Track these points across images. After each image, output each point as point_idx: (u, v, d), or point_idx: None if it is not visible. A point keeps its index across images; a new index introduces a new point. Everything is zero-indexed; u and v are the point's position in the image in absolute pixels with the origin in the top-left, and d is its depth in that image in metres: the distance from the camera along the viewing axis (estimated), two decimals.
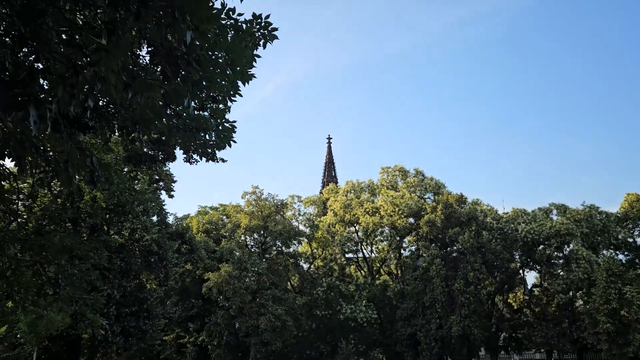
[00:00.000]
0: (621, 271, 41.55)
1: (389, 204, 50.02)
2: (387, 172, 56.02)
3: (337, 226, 54.44)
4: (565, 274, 47.40)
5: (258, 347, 40.36)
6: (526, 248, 50.14)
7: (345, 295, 48.30)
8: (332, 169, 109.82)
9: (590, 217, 49.08)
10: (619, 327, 39.15)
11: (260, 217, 45.49)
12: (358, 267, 59.12)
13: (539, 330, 48.39)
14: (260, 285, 42.83)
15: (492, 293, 54.44)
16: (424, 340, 43.11)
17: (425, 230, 46.30)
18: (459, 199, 48.38)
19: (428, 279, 44.82)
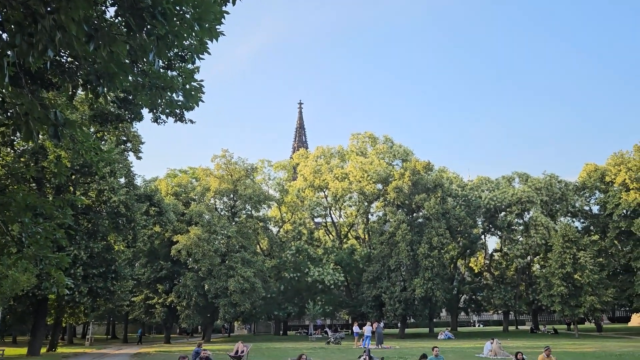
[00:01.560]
0: (576, 237, 43.46)
1: (358, 170, 50.63)
2: (357, 139, 56.45)
3: (307, 191, 54.96)
4: (524, 239, 49.36)
5: (227, 308, 41.03)
6: (488, 214, 51.86)
7: (313, 259, 49.25)
8: (303, 134, 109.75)
9: (550, 186, 50.84)
10: (571, 290, 41.23)
11: (230, 180, 45.48)
12: (326, 231, 60.11)
13: (498, 293, 50.62)
14: (229, 248, 43.21)
15: (454, 257, 56.41)
16: (389, 302, 44.53)
17: (392, 196, 47.21)
18: (426, 166, 49.29)
19: (394, 243, 45.98)
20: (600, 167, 50.00)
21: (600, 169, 49.76)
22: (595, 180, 49.44)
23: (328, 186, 53.38)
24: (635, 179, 45.12)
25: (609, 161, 49.23)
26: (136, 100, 8.73)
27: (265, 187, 52.74)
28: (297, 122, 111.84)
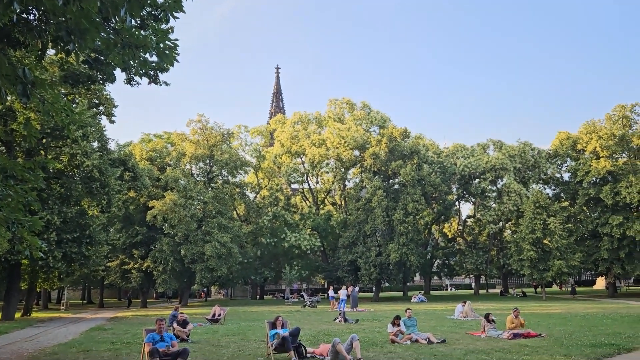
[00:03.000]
0: (547, 204, 44.54)
1: (335, 136, 50.54)
2: (334, 104, 56.13)
3: (284, 157, 54.78)
4: (497, 205, 50.42)
5: (203, 273, 41.23)
6: (463, 181, 52.65)
7: (290, 224, 49.55)
8: (280, 100, 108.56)
9: (523, 153, 51.69)
10: (540, 255, 42.52)
11: (206, 146, 44.99)
12: (303, 197, 60.32)
13: (470, 258, 51.91)
14: (205, 213, 43.11)
15: (429, 223, 57.40)
16: (364, 266, 45.31)
17: (369, 162, 47.42)
18: (403, 132, 49.48)
19: (370, 209, 46.47)
20: (573, 136, 50.89)
21: (572, 137, 50.65)
22: (567, 148, 50.37)
23: (305, 152, 53.26)
24: (605, 147, 46.14)
25: (581, 129, 50.12)
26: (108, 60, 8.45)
27: (241, 153, 52.38)
28: (274, 87, 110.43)
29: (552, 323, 19.38)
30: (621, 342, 13.19)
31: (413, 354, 11.67)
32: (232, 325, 20.53)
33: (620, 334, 14.94)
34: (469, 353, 11.74)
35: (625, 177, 44.41)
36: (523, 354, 11.39)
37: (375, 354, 11.93)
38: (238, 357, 11.79)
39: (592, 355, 11.21)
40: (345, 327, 19.03)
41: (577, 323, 19.22)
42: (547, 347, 12.50)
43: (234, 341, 14.94)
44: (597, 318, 21.32)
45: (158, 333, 10.21)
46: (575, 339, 14.10)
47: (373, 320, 22.21)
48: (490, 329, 15.71)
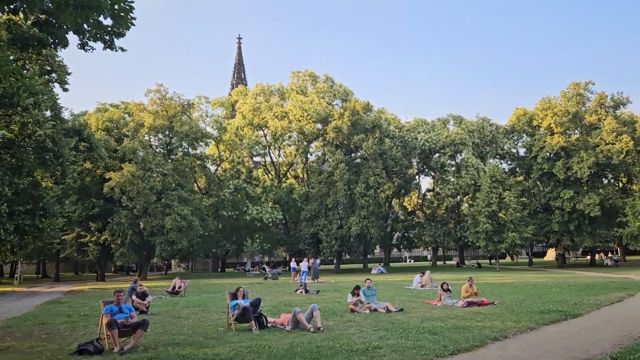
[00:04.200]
0: (503, 178, 45.91)
1: (298, 108, 50.21)
2: (297, 77, 55.58)
3: (246, 129, 54.14)
4: (456, 180, 51.59)
5: (163, 246, 40.68)
6: (423, 155, 53.49)
7: (252, 197, 49.33)
8: (242, 71, 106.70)
9: (482, 129, 52.81)
10: (495, 227, 44.00)
11: (165, 116, 43.84)
12: (265, 170, 60.04)
13: (428, 230, 53.17)
14: (165, 185, 42.32)
15: (389, 196, 58.30)
16: (325, 239, 45.75)
17: (331, 136, 47.46)
18: (365, 106, 49.60)
19: (332, 182, 46.72)
20: (529, 112, 52.24)
21: (529, 114, 52.01)
22: (523, 124, 51.72)
23: (267, 125, 52.78)
24: (559, 124, 47.64)
25: (537, 106, 51.50)
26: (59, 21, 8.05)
27: (202, 125, 51.38)
28: (236, 57, 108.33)
29: (504, 292, 20.19)
30: (568, 308, 13.88)
31: (372, 322, 11.95)
32: (193, 298, 20.47)
33: (567, 302, 15.72)
34: (425, 320, 12.12)
35: (577, 153, 46.11)
36: (476, 321, 11.84)
37: (335, 322, 12.16)
38: (199, 328, 11.80)
39: (540, 321, 11.77)
40: (306, 298, 19.28)
41: (527, 292, 20.09)
42: (499, 314, 13.03)
43: (194, 313, 14.92)
44: (547, 287, 22.34)
45: (116, 305, 10.06)
46: (525, 306, 14.75)
47: (334, 291, 22.58)
48: (446, 297, 16.24)
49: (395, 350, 8.40)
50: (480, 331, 10.27)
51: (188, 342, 9.73)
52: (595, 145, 46.14)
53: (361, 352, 8.33)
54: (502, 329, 10.62)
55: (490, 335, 9.84)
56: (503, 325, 11.14)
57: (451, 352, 8.34)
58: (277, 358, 7.95)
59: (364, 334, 10.34)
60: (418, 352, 8.25)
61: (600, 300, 15.97)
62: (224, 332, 11.04)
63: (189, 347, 9.14)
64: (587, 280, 27.00)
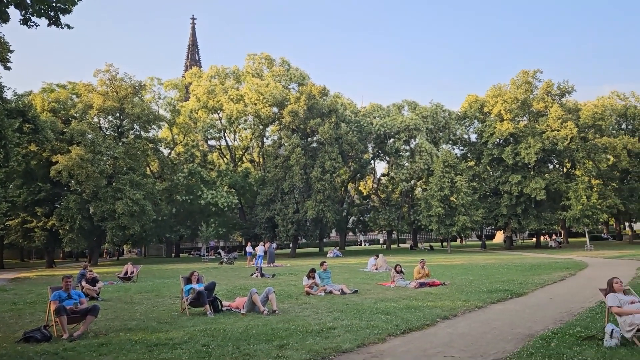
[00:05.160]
0: (455, 163, 47.09)
1: (253, 92, 49.60)
2: (253, 59, 54.77)
3: (200, 112, 53.11)
4: (410, 164, 52.53)
5: (115, 231, 39.66)
6: (379, 140, 54.10)
7: (206, 181, 48.62)
8: (196, 53, 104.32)
9: (435, 114, 53.86)
10: (447, 211, 45.22)
11: (115, 98, 42.39)
12: (221, 154, 59.21)
13: (383, 214, 54.06)
14: (116, 169, 41.12)
15: (345, 181, 58.80)
16: (282, 223, 45.75)
17: (288, 120, 47.22)
18: (321, 91, 49.53)
19: (288, 166, 46.62)
20: (481, 99, 53.63)
21: (480, 100, 53.39)
22: (475, 110, 53.08)
23: (222, 108, 51.93)
24: (509, 111, 49.18)
25: (488, 93, 52.91)
26: None
27: (155, 107, 50.03)
28: (190, 39, 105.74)
29: (454, 273, 20.85)
30: (514, 288, 14.49)
31: (327, 304, 12.11)
32: (146, 283, 20.11)
33: (514, 281, 16.40)
34: (378, 301, 12.38)
35: (525, 139, 47.80)
36: (428, 301, 12.20)
37: (291, 305, 12.24)
38: (152, 313, 11.62)
39: (488, 299, 12.25)
40: (262, 282, 19.30)
41: (476, 272, 20.82)
42: (449, 294, 13.47)
43: (147, 298, 14.68)
44: (495, 268, 23.22)
45: (65, 291, 9.76)
46: (474, 286, 15.30)
47: (289, 275, 22.69)
48: (399, 279, 16.61)
49: (349, 331, 8.56)
50: (431, 311, 10.59)
51: (140, 327, 9.58)
52: (542, 131, 47.92)
53: (316, 333, 8.44)
54: (452, 308, 10.99)
55: (441, 314, 10.16)
56: (453, 304, 11.52)
57: (403, 331, 8.57)
58: (231, 341, 7.95)
59: (319, 315, 10.47)
60: (371, 331, 8.44)
61: (544, 280, 16.74)
62: (177, 316, 10.93)
63: (141, 332, 9.01)
64: (532, 261, 28.22)
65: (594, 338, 7.30)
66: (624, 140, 49.30)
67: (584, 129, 49.31)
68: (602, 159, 49.34)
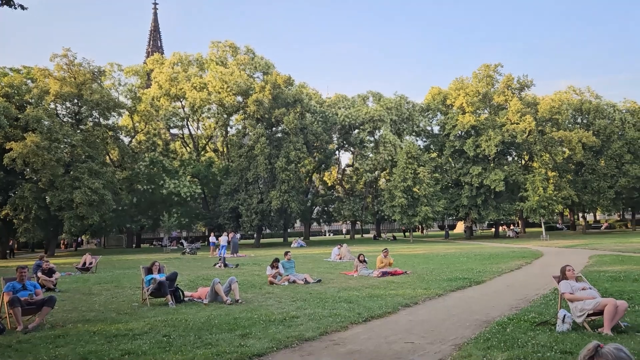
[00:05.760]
0: (418, 154, 47.80)
1: (217, 80, 48.91)
2: (217, 47, 53.95)
3: (162, 100, 52.02)
4: (374, 155, 53.00)
5: (73, 221, 38.54)
6: (343, 131, 54.31)
7: (169, 171, 47.75)
8: (158, 39, 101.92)
9: (399, 106, 54.42)
10: (410, 201, 45.91)
11: (73, 83, 40.98)
12: (183, 143, 58.26)
13: (347, 205, 54.43)
14: (74, 157, 39.89)
15: (310, 171, 58.83)
16: (246, 213, 45.50)
17: (252, 109, 46.83)
18: (286, 80, 49.30)
19: (253, 156, 46.31)
20: (443, 91, 54.49)
21: (443, 93, 54.25)
22: (438, 102, 53.92)
23: (185, 96, 50.99)
24: (470, 103, 50.18)
25: (451, 86, 53.82)
26: None
27: (115, 94, 48.65)
28: (152, 24, 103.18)
29: (416, 262, 21.24)
30: (473, 276, 14.88)
31: (290, 293, 12.14)
32: (105, 274, 19.68)
33: (473, 270, 16.84)
34: (341, 290, 12.50)
35: (486, 132, 48.91)
36: (390, 289, 12.39)
37: (254, 295, 12.22)
38: (111, 304, 11.39)
39: (448, 287, 12.54)
40: (225, 272, 19.17)
41: (437, 262, 21.26)
42: (411, 283, 13.72)
43: (106, 289, 14.37)
44: (455, 257, 23.77)
45: (19, 282, 9.44)
46: (435, 274, 15.64)
47: (253, 265, 22.62)
48: (362, 268, 16.80)
49: (312, 319, 8.61)
50: (393, 299, 10.77)
51: (99, 318, 9.38)
52: (502, 124, 49.12)
53: (279, 321, 8.46)
54: (413, 296, 11.20)
55: (402, 302, 10.34)
56: (414, 292, 11.74)
57: (365, 319, 8.69)
58: (193, 330, 7.88)
59: (282, 304, 10.49)
60: (334, 320, 8.52)
61: (501, 268, 17.25)
62: (138, 307, 10.75)
63: (100, 323, 8.82)
64: (491, 250, 29.02)
65: (547, 323, 7.58)
66: (579, 134, 51.04)
67: (542, 123, 50.84)
68: (558, 151, 51.04)
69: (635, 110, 59.49)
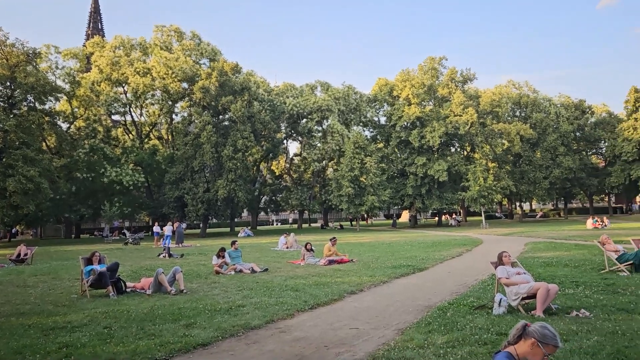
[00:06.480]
0: (365, 144, 48.41)
1: (162, 65, 47.50)
2: (161, 32, 52.33)
3: (103, 85, 49.99)
4: (322, 145, 53.25)
5: (6, 211, 36.59)
6: (291, 120, 54.21)
7: (110, 158, 46.08)
8: (99, 21, 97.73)
9: (347, 96, 54.86)
10: (357, 191, 46.50)
11: (5, 65, 38.63)
12: (126, 130, 56.33)
13: (295, 194, 54.51)
14: (7, 144, 37.74)
15: (257, 160, 58.42)
16: (191, 203, 44.65)
17: (198, 96, 45.84)
18: (234, 67, 48.54)
19: (199, 144, 45.41)
20: (390, 82, 55.35)
21: (390, 84, 55.10)
22: (385, 94, 54.74)
23: (128, 81, 49.18)
24: (416, 95, 51.25)
25: (398, 77, 54.74)
26: None
27: (51, 77, 46.31)
28: (92, 5, 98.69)
29: (362, 250, 21.59)
30: (416, 263, 15.31)
31: (236, 283, 12.06)
32: (42, 265, 18.83)
33: (416, 257, 17.32)
34: (288, 279, 12.54)
35: (430, 123, 50.17)
36: (336, 277, 12.55)
37: (200, 284, 12.06)
38: (48, 296, 10.92)
39: (392, 274, 12.84)
40: (169, 262, 18.78)
41: (383, 250, 21.71)
42: (357, 270, 13.95)
43: (43, 281, 13.76)
44: (399, 245, 24.35)
45: None
46: (380, 262, 15.97)
47: (199, 255, 22.29)
48: (309, 257, 16.92)
49: (258, 308, 8.61)
50: (339, 286, 10.91)
51: (35, 311, 8.98)
52: (446, 116, 50.53)
53: (224, 311, 8.40)
54: (359, 283, 11.39)
55: (348, 289, 10.50)
56: (360, 280, 11.95)
57: (311, 306, 8.77)
58: (136, 321, 7.70)
59: (228, 294, 10.41)
60: (280, 308, 8.55)
61: (443, 255, 17.84)
62: (77, 299, 10.37)
63: (36, 316, 8.45)
64: (434, 238, 29.92)
65: (485, 307, 7.92)
66: (518, 126, 53.27)
67: (483, 115, 52.70)
68: (497, 143, 53.10)
69: (569, 104, 62.80)
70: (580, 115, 61.97)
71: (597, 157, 67.65)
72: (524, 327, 3.36)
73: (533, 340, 3.26)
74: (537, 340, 3.24)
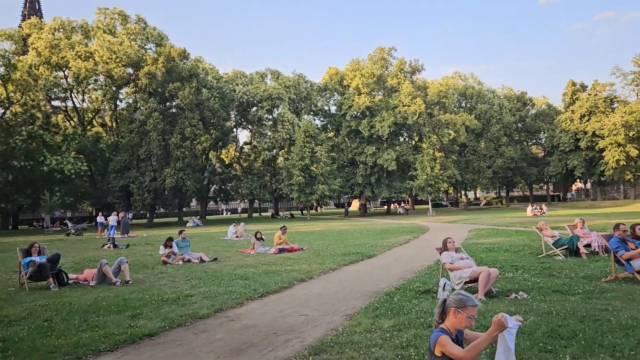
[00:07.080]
0: (316, 133, 48.53)
1: (105, 49, 45.65)
2: (104, 14, 50.23)
3: (42, 68, 47.52)
4: (272, 134, 52.98)
5: None
6: (241, 108, 53.57)
7: (50, 146, 43.92)
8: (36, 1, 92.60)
9: (298, 85, 54.70)
10: (307, 180, 46.64)
11: None
12: (67, 116, 53.90)
13: (245, 183, 54.05)
14: None
15: (207, 148, 57.45)
16: (137, 192, 43.46)
17: (144, 82, 44.46)
18: (181, 53, 47.36)
19: (145, 132, 44.15)
20: (341, 72, 55.58)
21: (340, 73, 55.33)
22: (335, 83, 54.95)
23: (69, 65, 46.97)
24: (366, 85, 51.70)
25: (348, 67, 55.01)
26: None
27: None
28: None
29: (312, 239, 21.73)
30: (365, 250, 15.56)
31: (184, 273, 11.88)
32: None
33: (365, 245, 17.61)
34: (237, 268, 12.46)
35: (380, 113, 50.82)
36: (286, 265, 12.59)
37: (146, 275, 11.79)
38: None
39: (342, 262, 13.01)
40: (114, 253, 18.25)
41: (333, 238, 21.93)
42: (307, 258, 14.04)
43: None
44: (349, 233, 24.66)
45: None
46: (330, 250, 16.13)
47: (145, 245, 21.77)
48: (259, 246, 16.86)
49: (207, 297, 8.52)
50: (289, 274, 10.95)
51: None
52: (395, 106, 51.31)
53: (172, 301, 8.26)
54: (309, 271, 11.47)
55: (298, 277, 10.56)
56: (309, 268, 12.03)
57: (261, 294, 8.76)
58: (78, 314, 7.45)
59: (176, 284, 10.24)
60: (229, 296, 8.49)
61: (391, 243, 18.22)
62: (15, 292, 9.92)
63: None
64: (382, 226, 30.48)
65: (430, 291, 8.17)
66: (463, 117, 54.81)
67: (431, 106, 53.85)
68: (444, 133, 54.46)
69: (512, 96, 65.24)
70: (522, 107, 64.54)
71: (537, 147, 70.77)
72: (443, 303, 3.68)
73: (453, 309, 3.57)
74: (456, 307, 3.56)
